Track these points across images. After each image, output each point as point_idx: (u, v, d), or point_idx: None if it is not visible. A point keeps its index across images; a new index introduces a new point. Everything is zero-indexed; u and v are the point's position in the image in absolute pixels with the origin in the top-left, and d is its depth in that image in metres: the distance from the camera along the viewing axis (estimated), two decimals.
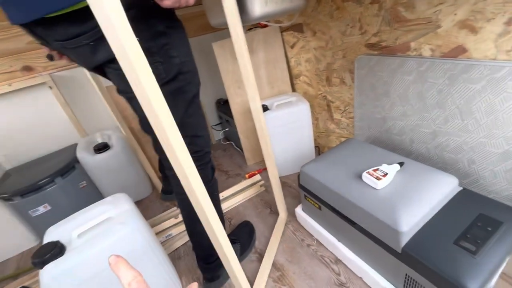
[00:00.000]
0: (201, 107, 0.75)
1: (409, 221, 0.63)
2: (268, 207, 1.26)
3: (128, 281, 0.22)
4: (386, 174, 0.73)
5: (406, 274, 0.66)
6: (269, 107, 1.33)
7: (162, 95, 0.43)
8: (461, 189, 0.73)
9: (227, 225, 1.22)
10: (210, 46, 1.32)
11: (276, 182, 1.04)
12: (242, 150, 1.63)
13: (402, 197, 0.68)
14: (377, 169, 0.75)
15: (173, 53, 0.60)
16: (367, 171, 0.75)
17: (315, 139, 1.53)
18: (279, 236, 1.06)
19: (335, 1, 1.02)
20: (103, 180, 1.35)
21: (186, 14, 1.58)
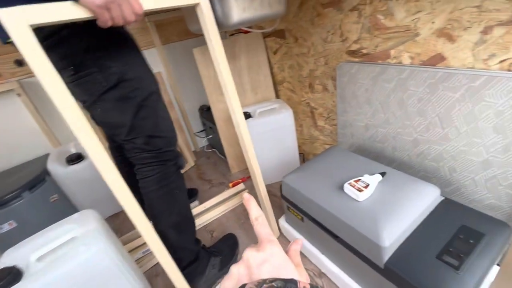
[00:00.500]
0: (161, 108, 0.78)
1: (392, 235, 0.61)
2: None
3: (255, 216, 0.29)
4: (367, 185, 0.70)
5: None
6: (252, 114, 1.29)
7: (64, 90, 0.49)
8: (443, 199, 0.72)
9: (208, 238, 1.16)
10: (191, 50, 1.28)
11: (267, 203, 0.98)
12: (226, 157, 1.58)
13: (384, 210, 0.65)
14: (359, 180, 0.73)
15: (110, 63, 0.66)
16: (349, 182, 0.73)
17: (300, 146, 1.51)
18: None
19: (316, 8, 1.01)
20: (77, 193, 1.28)
21: (167, 19, 1.54)
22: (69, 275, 0.62)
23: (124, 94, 0.69)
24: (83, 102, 0.71)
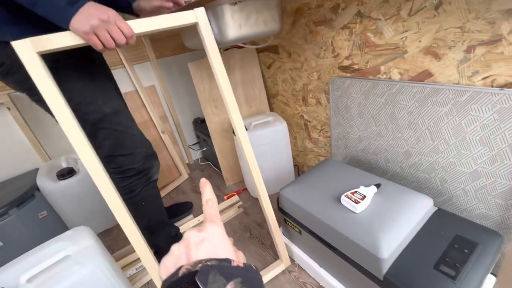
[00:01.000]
0: (125, 126, 0.81)
1: (390, 246, 0.62)
2: (247, 231, 1.21)
3: (207, 198, 0.31)
4: (364, 197, 0.72)
5: None
6: (247, 127, 1.31)
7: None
8: (436, 209, 0.74)
9: None
10: (185, 65, 1.30)
11: (274, 225, 0.91)
12: (220, 170, 1.58)
13: (381, 221, 0.67)
14: (355, 192, 0.74)
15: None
16: (346, 194, 0.74)
17: (294, 158, 1.52)
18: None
19: (308, 25, 1.05)
20: (67, 209, 1.23)
21: (162, 34, 1.56)
22: None
23: (77, 116, 0.71)
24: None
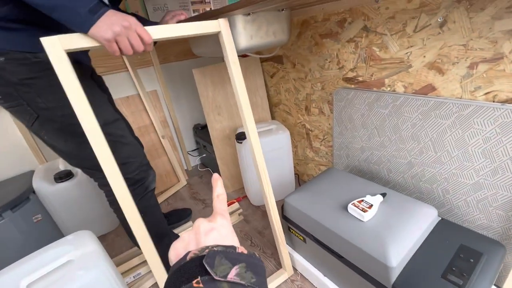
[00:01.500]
0: (118, 136, 0.80)
1: (398, 255, 0.62)
2: (248, 239, 1.19)
3: (218, 193, 0.32)
4: (371, 205, 0.73)
5: None
6: None
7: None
8: (440, 219, 0.76)
9: None
10: (188, 71, 1.31)
11: (280, 234, 0.90)
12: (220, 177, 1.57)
13: (389, 230, 0.67)
14: (362, 201, 0.75)
15: (38, 99, 0.67)
16: (353, 203, 0.75)
17: (294, 166, 1.53)
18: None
19: (314, 37, 1.08)
20: (63, 213, 1.20)
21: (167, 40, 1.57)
22: None
23: (61, 127, 0.70)
24: (26, 126, 0.72)
